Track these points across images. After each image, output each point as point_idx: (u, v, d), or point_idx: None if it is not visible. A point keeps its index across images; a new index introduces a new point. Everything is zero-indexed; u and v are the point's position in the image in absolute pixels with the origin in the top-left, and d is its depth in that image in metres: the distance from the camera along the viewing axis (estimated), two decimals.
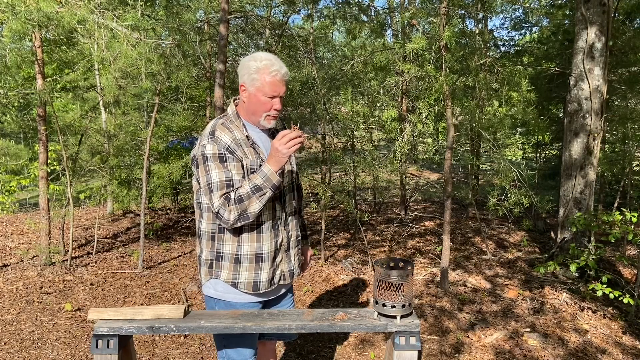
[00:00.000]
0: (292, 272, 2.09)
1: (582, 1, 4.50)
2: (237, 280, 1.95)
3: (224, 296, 1.98)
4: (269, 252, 1.96)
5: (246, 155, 1.89)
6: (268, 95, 1.88)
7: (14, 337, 3.49)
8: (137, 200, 6.33)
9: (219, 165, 1.84)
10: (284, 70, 1.90)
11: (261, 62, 1.86)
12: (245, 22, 6.43)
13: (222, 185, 1.83)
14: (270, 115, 1.93)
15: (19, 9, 3.92)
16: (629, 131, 6.71)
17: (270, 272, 1.98)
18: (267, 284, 1.98)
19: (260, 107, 1.90)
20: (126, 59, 4.26)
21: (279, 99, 1.91)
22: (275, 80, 1.86)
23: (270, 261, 1.97)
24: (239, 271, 1.94)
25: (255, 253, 1.94)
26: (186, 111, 6.67)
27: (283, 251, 2.03)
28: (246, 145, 1.91)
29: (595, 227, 3.81)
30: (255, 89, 1.88)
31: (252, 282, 1.95)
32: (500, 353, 3.28)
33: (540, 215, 6.60)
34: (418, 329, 1.71)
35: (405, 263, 1.79)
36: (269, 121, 1.94)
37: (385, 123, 5.72)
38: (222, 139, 1.86)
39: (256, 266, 1.95)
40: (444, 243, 4.21)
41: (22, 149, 7.22)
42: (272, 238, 1.96)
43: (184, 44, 5.28)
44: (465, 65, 4.40)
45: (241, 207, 1.80)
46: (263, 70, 1.85)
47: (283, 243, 2.02)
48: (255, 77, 1.86)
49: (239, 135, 1.92)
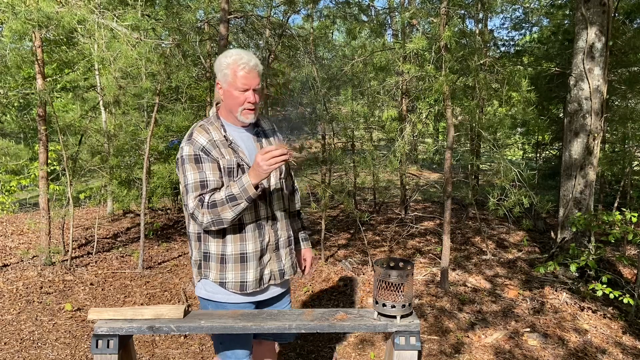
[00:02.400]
0: (282, 272, 2.06)
1: (582, 1, 4.50)
2: (225, 280, 1.95)
3: (214, 296, 2.00)
4: (254, 252, 1.95)
5: (222, 156, 1.88)
6: (240, 89, 1.86)
7: (14, 337, 3.49)
8: (137, 200, 6.32)
9: (194, 167, 1.86)
10: (254, 62, 1.87)
11: (230, 58, 1.86)
12: (245, 22, 6.43)
13: (196, 187, 1.84)
14: (246, 108, 1.90)
15: (19, 9, 3.92)
16: (629, 131, 6.71)
17: (257, 271, 1.97)
18: (255, 284, 1.97)
19: (235, 102, 1.89)
20: (126, 59, 4.26)
21: (252, 92, 1.88)
22: (244, 73, 1.85)
23: (256, 260, 1.96)
24: (226, 271, 1.95)
25: (240, 253, 1.93)
26: (186, 111, 6.67)
27: (271, 250, 2.01)
28: (224, 146, 1.91)
29: (595, 227, 3.81)
30: (227, 84, 1.88)
31: (239, 282, 1.95)
32: (500, 353, 3.28)
33: (540, 215, 6.60)
34: (418, 329, 1.71)
35: (405, 263, 1.79)
36: (245, 115, 1.92)
37: (385, 123, 5.72)
38: (198, 141, 1.88)
39: (242, 266, 1.94)
40: (444, 243, 4.21)
41: (22, 149, 7.22)
42: (256, 238, 1.95)
43: (184, 44, 5.28)
44: (465, 65, 4.40)
45: (214, 213, 1.80)
46: (232, 64, 1.85)
47: (270, 243, 2.00)
48: (226, 73, 1.87)
49: (217, 135, 1.91)
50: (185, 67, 5.62)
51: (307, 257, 2.32)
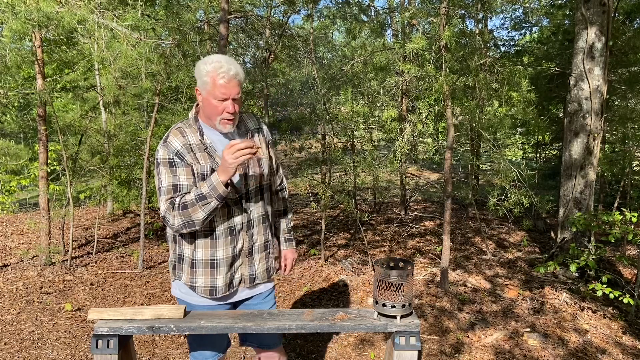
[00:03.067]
0: (253, 276, 2.02)
1: (582, 1, 4.50)
2: (195, 284, 1.95)
3: (187, 298, 2.00)
4: (225, 258, 1.92)
5: (197, 160, 1.85)
6: (218, 99, 1.79)
7: (14, 337, 3.49)
8: (137, 200, 6.33)
9: (168, 170, 1.84)
10: (234, 71, 1.79)
11: (210, 65, 1.78)
12: (245, 22, 6.43)
13: (168, 190, 1.83)
14: (225, 119, 1.84)
15: (19, 9, 3.92)
16: (629, 131, 6.70)
17: (227, 276, 1.95)
18: (224, 288, 1.96)
19: (213, 111, 1.83)
20: (126, 59, 4.26)
21: (230, 102, 1.81)
22: (224, 82, 1.77)
23: (227, 266, 1.94)
24: (196, 275, 1.94)
25: (210, 259, 1.91)
26: (186, 111, 6.66)
27: (244, 256, 1.98)
28: (199, 150, 1.87)
29: (595, 227, 3.81)
30: (206, 92, 1.81)
31: (208, 287, 1.94)
32: (500, 353, 3.28)
33: (540, 215, 6.60)
34: (418, 329, 1.71)
35: (405, 263, 1.79)
36: (224, 125, 1.86)
37: (385, 123, 5.72)
38: (173, 144, 1.85)
39: (211, 271, 1.92)
40: (444, 243, 4.21)
41: (22, 149, 7.22)
42: (228, 244, 1.92)
43: (184, 44, 5.27)
44: (465, 65, 4.40)
45: (184, 214, 1.78)
46: (212, 72, 1.78)
47: (244, 248, 1.97)
48: (205, 81, 1.79)
49: (193, 139, 1.87)
50: (185, 67, 5.62)
51: (287, 257, 2.28)
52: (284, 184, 2.25)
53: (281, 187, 2.24)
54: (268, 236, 2.07)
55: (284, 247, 2.28)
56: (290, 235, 2.29)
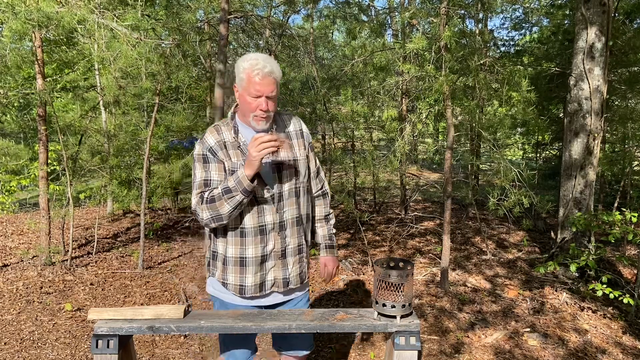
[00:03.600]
0: (286, 280, 1.99)
1: (582, 1, 4.50)
2: (226, 281, 1.97)
3: (219, 295, 2.02)
4: (254, 257, 1.91)
5: (228, 157, 1.88)
6: (252, 95, 1.82)
7: (14, 337, 3.49)
8: (137, 200, 6.32)
9: (201, 166, 1.90)
10: (269, 69, 1.80)
11: (247, 62, 1.82)
12: (245, 22, 6.43)
13: (199, 185, 1.88)
14: (257, 116, 1.85)
15: (19, 9, 3.92)
16: (629, 131, 6.71)
17: (257, 277, 1.94)
18: (255, 289, 1.94)
19: (247, 108, 1.85)
20: (126, 59, 4.26)
21: (264, 99, 1.82)
22: (258, 80, 1.80)
23: (256, 266, 1.93)
24: (227, 272, 1.95)
25: (239, 256, 1.92)
26: (186, 111, 6.67)
27: (276, 258, 1.95)
28: (233, 147, 1.89)
29: (595, 227, 3.81)
30: (242, 89, 1.85)
31: (238, 285, 1.95)
32: (500, 353, 3.28)
33: (540, 215, 6.60)
34: (418, 329, 1.71)
35: (405, 263, 1.79)
36: (257, 122, 1.87)
37: (385, 123, 5.72)
38: (207, 141, 1.90)
39: (240, 269, 1.93)
40: (444, 243, 4.21)
41: (22, 149, 7.22)
42: (257, 243, 1.91)
43: (184, 44, 5.28)
44: (465, 65, 4.40)
45: (212, 208, 1.81)
46: (248, 70, 1.81)
47: (275, 249, 1.94)
48: (242, 77, 1.83)
49: (228, 137, 1.91)
50: (185, 67, 5.62)
51: (328, 264, 2.21)
52: (325, 188, 2.20)
53: (322, 192, 2.19)
54: (302, 240, 2.03)
55: (324, 253, 2.22)
56: (332, 242, 2.23)
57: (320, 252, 2.23)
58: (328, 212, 2.22)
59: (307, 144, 2.06)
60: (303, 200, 2.02)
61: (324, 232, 2.21)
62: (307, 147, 2.06)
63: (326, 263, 2.22)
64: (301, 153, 2.01)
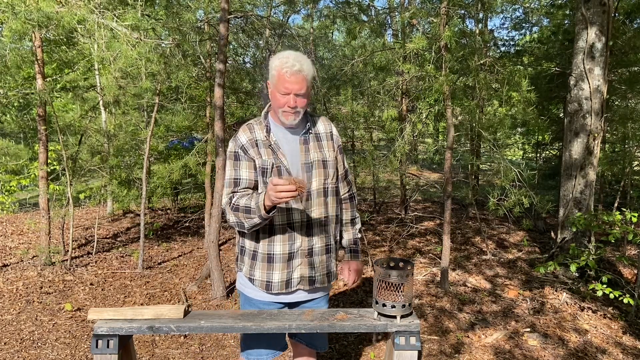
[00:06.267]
0: (312, 279, 2.00)
1: (582, 1, 4.50)
2: (253, 276, 2.00)
3: (244, 290, 2.06)
4: (281, 254, 1.94)
5: (259, 155, 1.91)
6: (281, 92, 1.86)
7: (14, 337, 3.49)
8: (137, 200, 6.33)
9: (233, 164, 1.95)
10: (298, 67, 1.83)
11: (278, 60, 1.86)
12: (245, 22, 6.42)
13: (230, 183, 1.94)
14: (286, 111, 1.89)
15: (19, 9, 3.92)
16: (629, 131, 6.70)
17: (283, 274, 1.96)
18: (281, 285, 1.96)
19: (277, 104, 1.89)
20: (126, 59, 4.26)
21: (293, 96, 1.85)
22: (287, 77, 1.83)
23: (283, 263, 1.95)
24: (254, 268, 1.99)
25: (267, 252, 1.95)
26: (186, 111, 6.67)
27: (303, 256, 1.96)
28: (264, 146, 1.93)
29: (595, 227, 3.81)
30: (273, 86, 1.89)
31: (264, 281, 1.97)
32: (500, 353, 3.28)
33: (540, 215, 6.60)
34: (418, 329, 1.71)
35: (405, 263, 1.79)
36: (286, 117, 1.90)
37: (385, 123, 5.72)
38: (240, 139, 1.95)
39: (268, 266, 1.96)
40: (444, 243, 4.21)
41: (22, 149, 7.21)
42: (285, 240, 1.94)
43: (184, 44, 5.27)
44: (465, 65, 4.40)
45: (236, 216, 1.87)
46: (279, 66, 1.85)
47: (302, 248, 1.96)
48: (273, 74, 1.87)
49: (260, 135, 1.95)
50: (185, 67, 5.62)
51: (352, 268, 2.20)
52: (352, 192, 2.20)
53: (350, 195, 2.19)
54: (330, 240, 2.04)
55: (348, 257, 2.22)
56: (357, 246, 2.23)
57: (345, 256, 2.24)
58: (355, 216, 2.23)
59: (336, 146, 2.08)
60: (331, 200, 2.03)
61: (349, 237, 2.22)
62: (336, 149, 2.08)
63: (350, 267, 2.22)
64: (330, 154, 2.03)
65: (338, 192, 2.11)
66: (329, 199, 2.02)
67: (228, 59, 5.42)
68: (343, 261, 2.24)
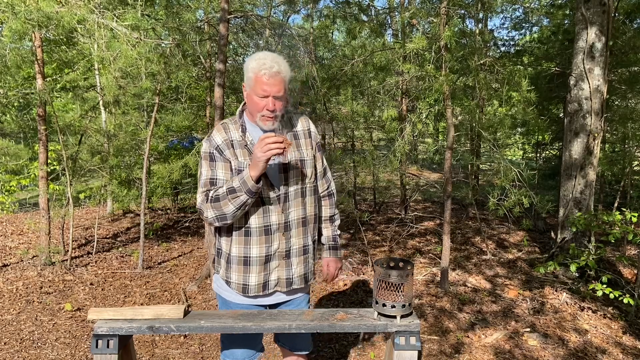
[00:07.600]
0: (290, 280, 1.98)
1: (582, 1, 4.50)
2: (229, 279, 1.97)
3: (221, 292, 2.03)
4: (258, 257, 1.91)
5: (235, 156, 1.87)
6: (259, 95, 1.80)
7: (14, 337, 3.49)
8: (137, 200, 6.32)
9: (208, 164, 1.90)
10: (277, 68, 1.78)
11: (255, 61, 1.80)
12: (245, 21, 6.42)
13: (205, 183, 1.88)
14: (264, 116, 1.83)
15: (19, 8, 3.92)
16: (629, 131, 6.70)
17: (261, 276, 1.93)
18: (258, 288, 1.94)
19: (254, 108, 1.83)
20: (126, 58, 4.26)
21: (271, 99, 1.80)
22: (265, 80, 1.77)
23: (260, 265, 1.92)
24: (230, 271, 1.95)
25: (243, 256, 1.91)
26: (186, 111, 6.67)
27: (280, 258, 1.95)
28: (239, 146, 1.88)
29: (595, 227, 3.81)
30: (249, 88, 1.83)
31: (241, 284, 1.94)
32: (500, 353, 3.28)
33: (540, 215, 6.60)
34: (418, 329, 1.71)
35: (405, 263, 1.79)
36: (264, 122, 1.85)
37: (385, 123, 5.72)
38: (215, 139, 1.90)
39: (244, 269, 1.92)
40: (444, 243, 4.21)
41: (22, 149, 7.21)
42: (262, 243, 1.91)
43: (184, 44, 5.27)
44: (465, 65, 4.40)
45: (216, 207, 1.80)
46: (255, 69, 1.79)
47: (280, 250, 1.94)
48: (249, 77, 1.81)
49: (235, 135, 1.90)
50: (185, 67, 5.62)
51: (330, 265, 2.21)
52: (331, 189, 2.19)
53: (329, 193, 2.18)
54: (308, 240, 2.02)
55: (327, 254, 2.21)
56: (336, 243, 2.22)
57: (323, 253, 2.23)
58: (334, 213, 2.21)
59: (314, 144, 2.05)
60: (309, 200, 2.02)
61: (328, 233, 2.21)
62: (314, 147, 2.05)
63: (328, 264, 2.22)
64: (308, 153, 2.00)
65: (317, 190, 2.10)
66: (307, 199, 2.00)
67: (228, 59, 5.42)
68: (323, 258, 2.24)
